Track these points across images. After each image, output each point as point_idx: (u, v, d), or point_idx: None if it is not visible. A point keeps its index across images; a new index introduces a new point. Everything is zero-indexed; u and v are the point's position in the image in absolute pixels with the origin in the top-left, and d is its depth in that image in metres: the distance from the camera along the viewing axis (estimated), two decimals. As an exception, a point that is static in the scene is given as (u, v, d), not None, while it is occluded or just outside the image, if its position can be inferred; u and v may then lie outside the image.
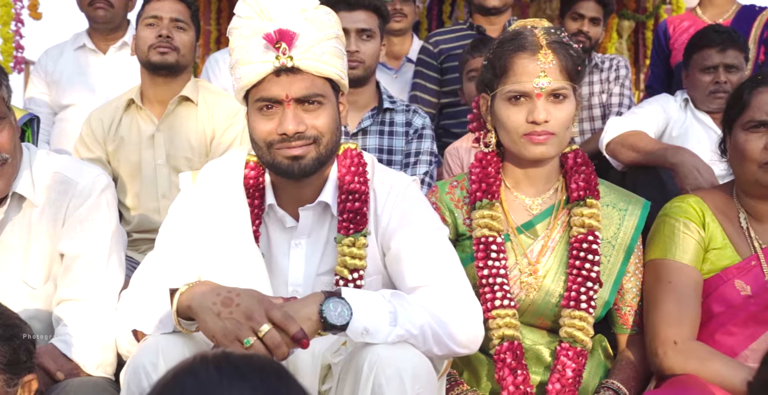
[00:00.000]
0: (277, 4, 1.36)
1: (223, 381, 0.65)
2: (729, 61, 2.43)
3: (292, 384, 0.68)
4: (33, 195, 1.46)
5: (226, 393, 0.64)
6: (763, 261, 1.55)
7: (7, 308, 1.16)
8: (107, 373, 1.40)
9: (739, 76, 2.45)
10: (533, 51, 1.47)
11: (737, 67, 2.45)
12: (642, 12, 5.60)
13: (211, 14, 5.65)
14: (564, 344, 1.44)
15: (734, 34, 2.53)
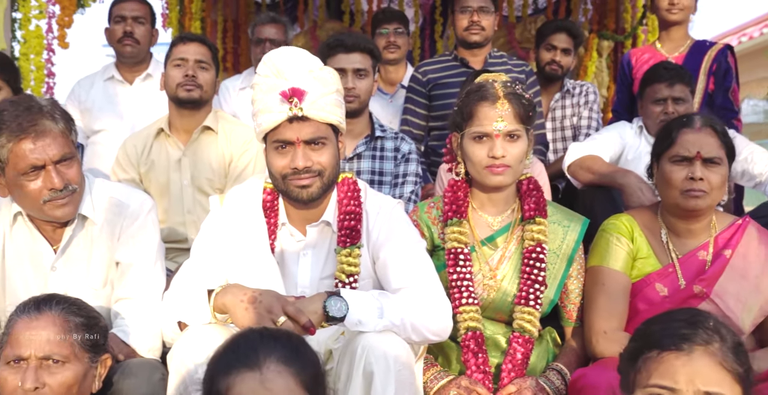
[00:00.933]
0: (290, 66, 1.72)
1: (263, 340, 1.04)
2: (676, 95, 2.79)
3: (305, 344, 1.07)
4: (94, 216, 1.83)
5: (265, 346, 1.02)
6: (678, 269, 1.92)
7: (87, 304, 1.53)
8: (155, 356, 1.77)
9: (685, 107, 2.81)
10: (493, 101, 1.84)
11: (684, 99, 2.81)
12: (621, 32, 5.96)
13: (217, 34, 6.00)
14: (516, 333, 1.81)
15: (681, 70, 2.89)
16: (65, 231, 1.81)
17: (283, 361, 1.05)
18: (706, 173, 1.86)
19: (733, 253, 1.90)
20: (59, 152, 1.71)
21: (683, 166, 1.89)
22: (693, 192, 1.86)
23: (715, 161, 1.87)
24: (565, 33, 3.51)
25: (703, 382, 1.12)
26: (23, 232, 1.82)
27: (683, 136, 1.91)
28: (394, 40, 3.62)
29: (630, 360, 1.20)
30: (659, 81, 2.81)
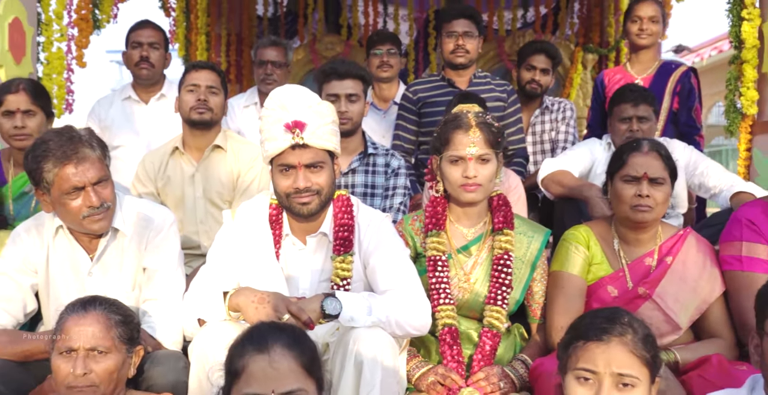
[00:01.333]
0: (293, 101, 2.02)
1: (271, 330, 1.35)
2: (641, 114, 3.07)
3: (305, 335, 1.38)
4: (124, 228, 2.13)
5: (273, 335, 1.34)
6: (627, 273, 2.22)
7: (123, 304, 1.83)
8: (178, 348, 2.07)
9: (649, 125, 3.10)
10: (466, 129, 2.14)
11: (647, 118, 3.09)
12: (605, 46, 6.26)
13: (221, 47, 6.29)
14: (485, 329, 2.11)
15: (646, 92, 3.18)
16: (100, 242, 2.11)
17: (287, 347, 1.35)
18: (652, 191, 2.16)
19: (674, 260, 2.21)
20: (96, 175, 2.01)
21: (632, 184, 2.19)
22: (640, 207, 2.16)
23: (659, 181, 2.18)
24: (544, 54, 3.81)
25: (617, 366, 1.42)
26: (64, 243, 2.13)
27: (633, 158, 2.21)
28: (387, 60, 3.92)
29: (564, 348, 1.51)
30: (625, 101, 3.10)
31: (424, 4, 6.67)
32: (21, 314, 2.10)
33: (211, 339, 1.90)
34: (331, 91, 2.84)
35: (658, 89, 3.50)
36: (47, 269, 2.13)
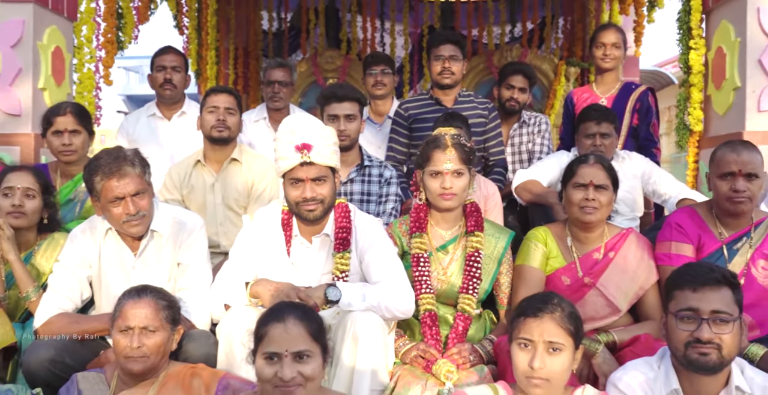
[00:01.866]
0: (301, 127, 2.47)
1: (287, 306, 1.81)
2: (603, 131, 3.52)
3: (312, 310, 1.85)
4: (161, 230, 2.59)
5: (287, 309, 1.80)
6: (578, 265, 2.67)
7: (167, 291, 2.29)
8: (207, 328, 2.53)
9: (610, 140, 3.54)
10: (443, 148, 2.59)
11: (609, 134, 3.53)
12: (586, 60, 6.66)
13: (229, 60, 6.74)
14: (459, 313, 2.57)
15: (608, 111, 3.63)
16: (142, 242, 2.57)
17: (299, 318, 1.81)
18: (597, 195, 2.62)
19: (616, 254, 2.67)
20: (134, 189, 2.47)
21: (581, 190, 2.65)
22: (587, 209, 2.62)
23: (603, 187, 2.63)
24: (522, 75, 4.25)
25: (548, 335, 1.88)
26: (112, 242, 2.59)
27: (581, 169, 2.68)
28: (381, 79, 4.35)
29: (511, 324, 1.97)
30: (590, 120, 3.55)
31: (419, 20, 7.12)
32: (79, 300, 2.56)
33: (235, 320, 2.36)
34: (332, 112, 3.30)
35: (620, 107, 3.95)
36: (99, 264, 2.59)
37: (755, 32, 3.29)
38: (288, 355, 1.80)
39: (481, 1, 7.11)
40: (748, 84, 3.35)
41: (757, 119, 3.34)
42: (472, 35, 7.15)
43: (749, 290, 2.54)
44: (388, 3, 7.18)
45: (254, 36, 7.04)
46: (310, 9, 7.09)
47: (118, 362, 2.16)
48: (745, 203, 2.57)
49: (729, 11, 3.48)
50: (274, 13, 7.18)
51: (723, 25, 3.50)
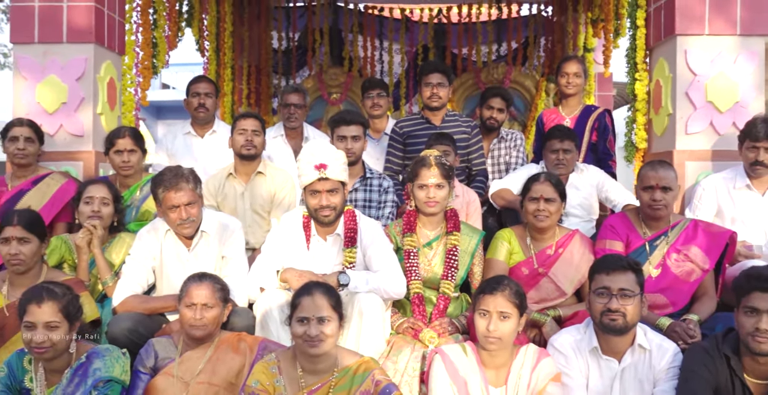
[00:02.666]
0: (319, 151, 3.20)
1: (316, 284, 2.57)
2: (565, 147, 4.22)
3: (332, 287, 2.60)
4: (209, 230, 3.32)
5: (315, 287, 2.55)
6: (534, 259, 3.41)
7: (219, 277, 3.02)
8: (246, 306, 3.26)
9: (571, 155, 4.24)
10: (428, 167, 3.33)
11: (570, 150, 4.23)
12: (563, 76, 7.43)
13: (243, 77, 7.44)
14: (440, 295, 3.30)
15: (569, 131, 4.34)
16: (194, 239, 3.31)
17: (323, 293, 2.55)
18: (547, 206, 3.35)
19: (564, 250, 3.41)
20: (188, 200, 3.21)
21: (534, 202, 3.39)
22: (539, 217, 3.36)
23: (551, 200, 3.37)
24: (500, 97, 4.99)
25: (499, 307, 2.62)
26: (171, 239, 3.32)
27: (534, 186, 3.41)
28: (377, 102, 5.07)
29: (474, 298, 2.71)
30: (554, 138, 4.27)
31: (414, 40, 7.85)
32: (146, 285, 3.30)
33: (269, 299, 3.10)
34: (341, 133, 4.03)
35: (581, 126, 4.69)
36: (161, 257, 3.33)
37: (683, 69, 4.03)
38: (314, 319, 2.54)
39: (470, 23, 7.87)
40: (678, 111, 4.09)
41: (685, 140, 4.08)
42: (462, 54, 7.89)
43: (665, 277, 3.30)
44: (386, 24, 7.92)
45: (265, 54, 7.76)
46: (315, 30, 7.83)
47: (184, 330, 2.89)
48: (662, 210, 3.31)
49: (665, 51, 4.22)
50: (283, 33, 7.90)
51: (660, 62, 4.24)
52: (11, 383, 2.72)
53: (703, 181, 3.83)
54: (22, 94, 4.19)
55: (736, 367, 2.52)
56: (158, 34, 5.25)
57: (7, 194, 3.89)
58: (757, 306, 2.42)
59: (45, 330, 2.59)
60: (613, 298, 2.65)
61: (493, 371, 2.71)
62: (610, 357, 2.74)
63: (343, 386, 2.59)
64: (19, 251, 3.09)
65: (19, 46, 4.21)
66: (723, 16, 3.95)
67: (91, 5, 4.18)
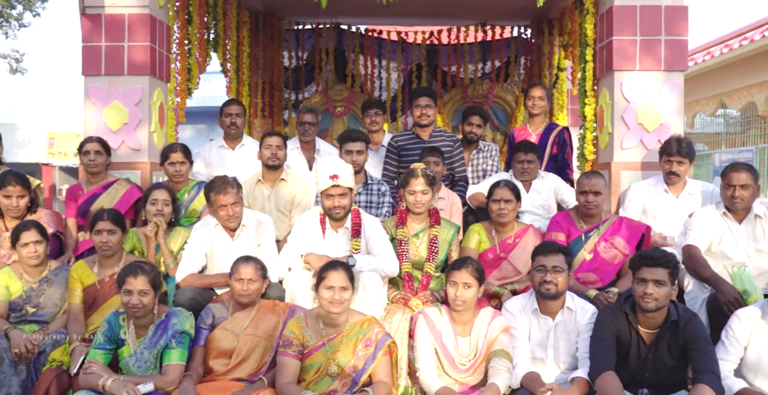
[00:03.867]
0: (333, 164, 4.23)
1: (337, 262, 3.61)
2: (529, 159, 5.22)
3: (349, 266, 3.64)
4: (248, 225, 4.34)
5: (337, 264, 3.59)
6: (498, 247, 4.44)
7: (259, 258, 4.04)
8: (277, 281, 4.29)
9: (534, 165, 5.27)
10: (416, 177, 4.35)
11: (533, 161, 5.24)
12: (541, 92, 8.44)
13: (258, 91, 8.44)
14: (424, 274, 4.33)
15: (532, 145, 5.37)
16: (236, 232, 4.34)
17: (344, 269, 3.57)
18: (506, 206, 4.38)
19: (520, 240, 4.43)
20: (232, 201, 4.24)
21: (496, 203, 4.41)
22: (501, 214, 4.39)
23: (509, 200, 4.40)
24: (478, 115, 6.00)
25: (464, 279, 3.64)
26: (219, 231, 4.35)
27: (495, 190, 4.44)
28: (375, 119, 6.08)
29: (446, 273, 3.74)
30: (520, 151, 5.29)
31: (409, 59, 8.84)
32: (200, 267, 4.32)
33: (295, 277, 4.13)
34: (348, 148, 5.04)
35: (544, 140, 5.73)
36: (211, 245, 4.35)
37: (619, 97, 5.06)
38: (338, 287, 3.56)
39: (459, 44, 8.87)
40: (615, 131, 5.12)
41: (620, 153, 5.11)
42: (451, 71, 8.89)
43: (596, 260, 4.33)
44: (385, 45, 8.91)
45: (277, 72, 8.74)
46: (321, 50, 8.82)
47: (233, 298, 3.91)
48: (593, 209, 4.34)
49: (606, 82, 5.25)
50: (293, 53, 8.87)
51: (603, 91, 5.27)
52: (110, 335, 3.73)
53: (632, 186, 4.86)
54: (92, 117, 5.22)
55: (632, 321, 3.54)
56: (191, 61, 6.28)
57: (83, 196, 4.92)
58: (644, 277, 3.44)
59: (139, 295, 3.61)
60: (548, 273, 3.67)
61: (461, 326, 3.74)
62: (546, 316, 3.76)
63: (352, 335, 3.61)
64: (108, 240, 4.12)
65: (89, 77, 5.24)
66: (650, 56, 4.98)
67: (147, 45, 5.21)
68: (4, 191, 4.50)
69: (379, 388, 3.50)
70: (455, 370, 3.68)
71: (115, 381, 3.47)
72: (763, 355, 3.44)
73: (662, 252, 3.49)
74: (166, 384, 3.53)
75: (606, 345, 3.48)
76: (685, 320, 3.47)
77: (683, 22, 4.98)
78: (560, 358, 3.73)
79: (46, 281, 4.20)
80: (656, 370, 3.50)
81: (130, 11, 5.19)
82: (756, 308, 3.55)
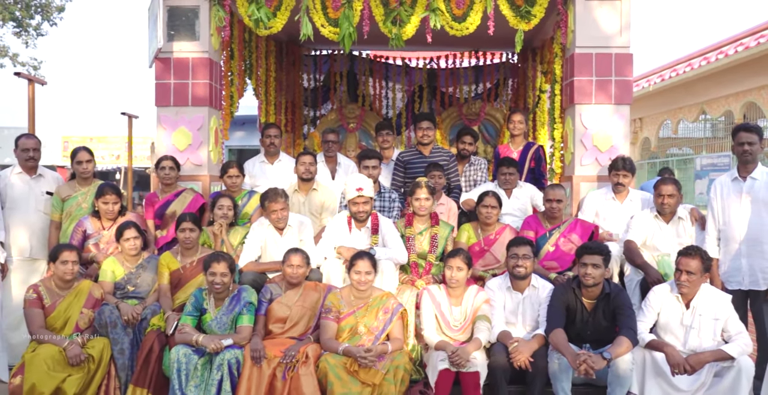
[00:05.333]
0: (359, 179, 5.61)
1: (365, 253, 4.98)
2: (510, 172, 6.59)
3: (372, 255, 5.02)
4: (293, 224, 5.71)
5: (364, 254, 4.96)
6: (482, 242, 5.81)
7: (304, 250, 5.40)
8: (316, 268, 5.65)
9: (514, 177, 6.65)
10: (421, 187, 5.71)
11: (513, 173, 6.63)
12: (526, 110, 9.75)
13: (282, 109, 9.67)
14: (427, 262, 5.69)
15: (513, 161, 6.72)
16: (284, 230, 5.70)
17: (368, 258, 4.92)
18: (491, 211, 5.75)
19: (500, 236, 5.80)
20: (281, 207, 5.61)
21: (484, 208, 5.78)
22: (487, 217, 5.76)
23: (494, 207, 5.76)
24: (469, 135, 7.37)
25: (457, 264, 5.00)
26: (271, 230, 5.71)
27: (485, 198, 5.80)
28: (386, 139, 7.44)
29: (444, 261, 5.11)
30: (503, 165, 6.66)
31: (412, 81, 10.15)
32: (257, 257, 5.69)
33: (330, 264, 5.51)
34: (366, 164, 6.39)
35: (524, 156, 7.09)
36: (265, 240, 5.71)
37: (579, 125, 6.42)
38: (363, 271, 4.92)
39: (455, 68, 10.21)
40: (576, 151, 6.48)
41: (580, 169, 6.46)
42: (448, 92, 10.23)
43: (557, 251, 5.70)
44: (391, 69, 10.24)
45: (298, 92, 10.06)
46: (336, 73, 10.14)
47: (285, 280, 5.27)
48: (556, 213, 5.71)
49: (570, 112, 6.61)
50: (312, 76, 10.20)
51: (567, 119, 6.63)
52: (197, 305, 5.09)
53: (588, 194, 6.22)
54: (163, 139, 6.59)
55: (578, 294, 4.90)
56: (233, 89, 7.63)
57: (159, 202, 6.28)
58: (585, 262, 4.79)
59: (221, 276, 4.97)
60: (519, 259, 5.03)
61: (454, 298, 5.10)
62: (516, 292, 5.12)
63: (375, 305, 4.97)
64: (190, 236, 5.48)
65: (160, 108, 6.60)
66: (603, 92, 6.34)
67: (207, 82, 6.57)
68: (102, 199, 5.85)
69: (395, 343, 4.86)
70: (450, 330, 5.05)
71: (204, 337, 4.84)
72: (670, 319, 4.80)
73: (598, 244, 4.87)
74: (240, 340, 4.89)
75: (558, 311, 4.85)
76: (615, 293, 4.84)
77: (629, 66, 6.33)
78: (527, 322, 5.09)
79: (141, 267, 5.56)
80: (595, 329, 4.86)
81: (193, 55, 6.55)
82: (667, 285, 4.91)
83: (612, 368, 4.58)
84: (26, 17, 22.47)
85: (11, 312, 5.98)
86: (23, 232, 6.05)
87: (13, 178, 6.08)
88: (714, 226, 5.39)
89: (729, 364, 4.52)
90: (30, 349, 4.98)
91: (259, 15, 6.36)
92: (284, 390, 4.67)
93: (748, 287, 5.18)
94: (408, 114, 10.13)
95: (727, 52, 16.67)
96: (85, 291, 5.28)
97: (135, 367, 5.03)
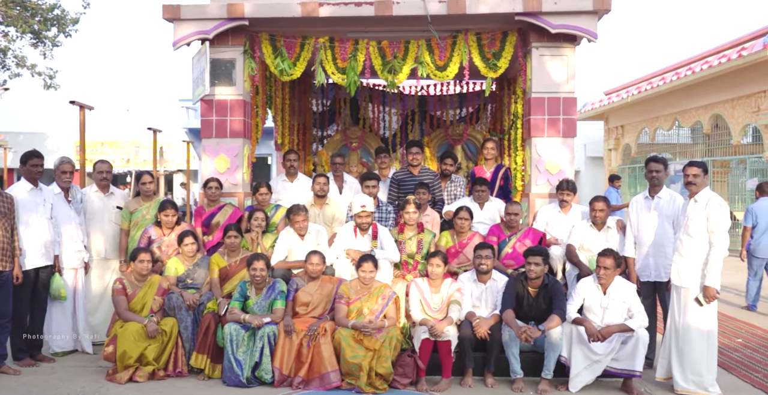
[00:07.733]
0: (363, 198, 7.35)
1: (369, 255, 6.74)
2: (482, 189, 8.32)
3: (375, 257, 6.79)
4: (312, 232, 7.44)
5: (369, 256, 6.72)
6: (457, 245, 7.54)
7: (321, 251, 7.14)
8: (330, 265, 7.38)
9: (486, 193, 8.38)
10: (410, 204, 7.45)
11: (484, 190, 8.35)
12: (501, 132, 11.44)
13: (294, 130, 11.37)
14: (414, 261, 7.43)
15: (485, 180, 8.45)
16: (305, 237, 7.44)
17: (372, 259, 6.63)
18: (465, 222, 7.48)
19: (471, 241, 7.53)
20: (302, 219, 7.36)
21: (460, 219, 7.52)
22: (461, 227, 7.49)
23: (467, 219, 7.49)
24: (451, 158, 9.10)
25: (436, 262, 6.74)
26: (295, 236, 7.43)
27: (460, 212, 7.54)
28: (384, 160, 9.19)
29: (427, 259, 6.85)
30: (477, 184, 8.39)
31: (405, 106, 11.79)
32: (284, 257, 7.42)
33: (341, 263, 7.26)
34: (367, 184, 8.10)
35: (495, 175, 8.84)
36: (290, 244, 7.45)
37: (535, 153, 8.13)
38: (367, 270, 6.65)
39: (443, 95, 11.93)
40: (532, 173, 8.19)
41: (535, 188, 8.16)
42: (437, 115, 11.92)
43: (513, 253, 7.44)
44: (387, 95, 11.89)
45: (308, 115, 11.72)
46: (340, 99, 11.80)
47: (307, 274, 7.00)
48: (513, 223, 7.46)
49: (528, 142, 8.33)
50: (320, 101, 11.90)
51: (526, 148, 8.37)
52: (242, 293, 6.83)
53: (541, 208, 7.95)
54: (207, 164, 8.32)
55: (525, 284, 6.63)
56: (258, 119, 9.35)
57: (205, 214, 8.00)
58: (529, 261, 6.53)
59: (260, 271, 6.70)
60: (483, 259, 6.78)
61: (434, 288, 6.84)
62: (481, 283, 6.86)
63: (375, 293, 6.71)
64: (234, 242, 7.22)
65: (205, 139, 8.32)
66: (553, 128, 8.08)
67: (242, 119, 8.30)
68: (164, 213, 7.59)
69: (390, 320, 6.61)
70: (431, 311, 6.79)
71: (249, 316, 6.58)
72: (592, 302, 6.54)
73: (539, 247, 6.63)
74: (276, 318, 6.63)
75: (510, 297, 6.59)
76: (552, 284, 6.58)
77: (573, 107, 8.05)
78: (488, 306, 6.84)
79: (197, 265, 7.30)
80: (537, 310, 6.60)
81: (231, 98, 8.28)
82: (591, 277, 6.66)
83: (547, 338, 6.32)
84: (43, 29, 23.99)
85: (90, 299, 7.73)
86: (99, 238, 7.80)
87: (91, 195, 7.83)
88: (631, 233, 7.13)
89: (630, 334, 6.26)
90: (118, 326, 6.72)
91: (283, 66, 8.09)
92: (309, 355, 6.40)
93: (655, 279, 6.92)
94: (402, 135, 11.81)
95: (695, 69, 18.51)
96: (156, 283, 7.01)
97: (196, 340, 6.77)
